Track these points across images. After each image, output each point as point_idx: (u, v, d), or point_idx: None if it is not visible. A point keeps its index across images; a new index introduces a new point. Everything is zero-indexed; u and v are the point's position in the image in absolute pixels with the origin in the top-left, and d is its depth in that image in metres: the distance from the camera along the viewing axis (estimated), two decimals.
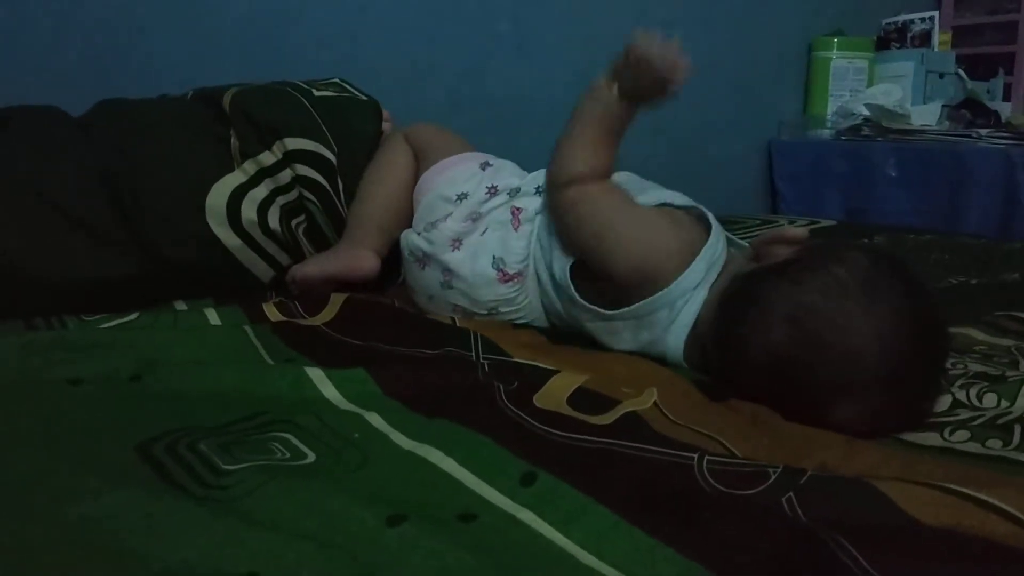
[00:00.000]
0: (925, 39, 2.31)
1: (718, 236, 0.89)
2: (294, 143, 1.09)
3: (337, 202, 1.12)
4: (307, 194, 1.11)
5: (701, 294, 0.84)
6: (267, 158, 1.09)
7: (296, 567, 0.48)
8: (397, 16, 1.63)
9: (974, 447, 0.67)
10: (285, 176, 1.09)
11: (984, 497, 0.54)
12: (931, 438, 0.69)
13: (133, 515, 0.53)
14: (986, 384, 0.77)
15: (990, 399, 0.75)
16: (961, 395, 0.76)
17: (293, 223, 1.11)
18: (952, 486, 0.56)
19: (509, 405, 0.72)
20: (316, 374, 0.77)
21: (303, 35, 1.52)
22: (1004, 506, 0.54)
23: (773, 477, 0.58)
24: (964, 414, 0.72)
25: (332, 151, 1.12)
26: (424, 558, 0.48)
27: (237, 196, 1.07)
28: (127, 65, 1.32)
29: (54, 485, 0.56)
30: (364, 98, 1.24)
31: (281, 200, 1.09)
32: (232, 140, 1.09)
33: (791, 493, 0.56)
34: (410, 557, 0.48)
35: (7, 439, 0.65)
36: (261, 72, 1.26)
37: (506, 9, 1.76)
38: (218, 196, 1.06)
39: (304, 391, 0.75)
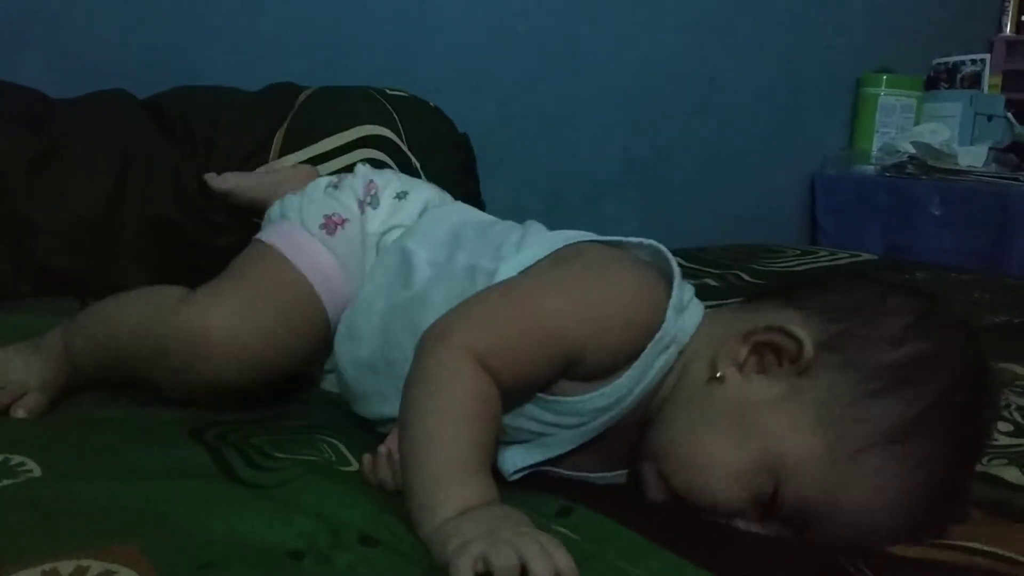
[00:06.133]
0: (975, 81, 2.30)
1: None
2: (364, 130, 1.18)
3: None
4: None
5: None
6: (340, 139, 1.17)
7: (340, 551, 0.50)
8: (452, 28, 1.67)
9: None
10: (355, 156, 1.15)
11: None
12: None
13: (186, 488, 0.56)
14: None
15: None
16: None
17: None
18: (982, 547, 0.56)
19: None
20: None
21: (360, 45, 1.56)
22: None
23: None
24: (1004, 439, 0.73)
25: (400, 136, 1.19)
26: None
27: None
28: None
29: (113, 460, 0.60)
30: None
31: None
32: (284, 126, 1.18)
33: None
34: None
35: (67, 417, 0.68)
36: (321, 79, 1.30)
37: (560, 23, 1.79)
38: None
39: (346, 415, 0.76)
